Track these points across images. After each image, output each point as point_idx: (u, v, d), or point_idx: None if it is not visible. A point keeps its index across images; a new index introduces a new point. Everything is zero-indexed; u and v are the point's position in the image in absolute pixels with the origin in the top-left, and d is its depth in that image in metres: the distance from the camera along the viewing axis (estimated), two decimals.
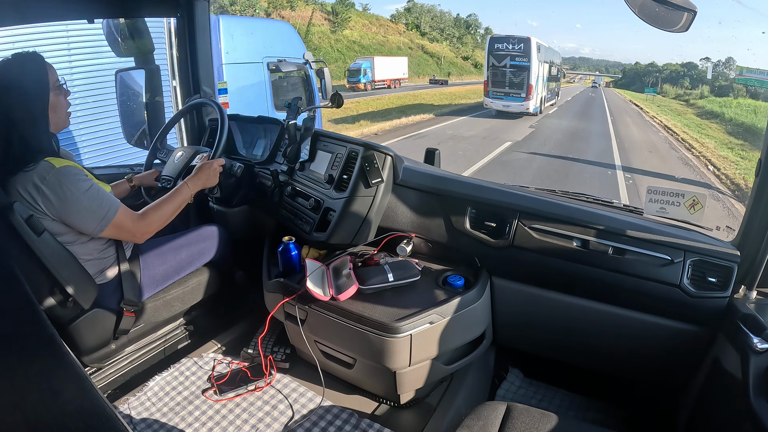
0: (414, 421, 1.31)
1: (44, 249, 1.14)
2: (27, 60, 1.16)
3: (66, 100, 1.24)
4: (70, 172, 1.16)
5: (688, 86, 47.40)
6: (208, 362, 1.52)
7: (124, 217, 1.24)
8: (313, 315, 1.27)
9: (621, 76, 70.55)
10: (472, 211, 1.38)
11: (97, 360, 1.36)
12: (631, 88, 53.45)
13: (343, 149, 1.49)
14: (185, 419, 1.30)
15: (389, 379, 1.26)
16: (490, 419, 0.95)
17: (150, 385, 1.43)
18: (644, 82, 55.52)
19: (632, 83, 59.12)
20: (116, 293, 1.33)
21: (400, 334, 1.14)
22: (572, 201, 1.39)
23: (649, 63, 64.06)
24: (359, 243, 1.42)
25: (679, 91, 45.91)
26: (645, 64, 65.95)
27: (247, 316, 1.72)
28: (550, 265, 1.27)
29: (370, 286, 1.25)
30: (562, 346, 1.39)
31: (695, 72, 49.32)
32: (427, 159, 1.71)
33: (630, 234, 1.19)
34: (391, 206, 1.45)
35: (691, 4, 0.82)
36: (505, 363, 1.59)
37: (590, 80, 64.75)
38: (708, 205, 1.20)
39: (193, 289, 1.53)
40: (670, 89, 47.01)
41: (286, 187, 1.62)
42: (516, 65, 13.62)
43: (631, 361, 1.30)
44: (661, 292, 1.15)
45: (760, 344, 0.94)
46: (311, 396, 1.38)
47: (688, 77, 48.85)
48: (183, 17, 1.86)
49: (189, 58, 1.92)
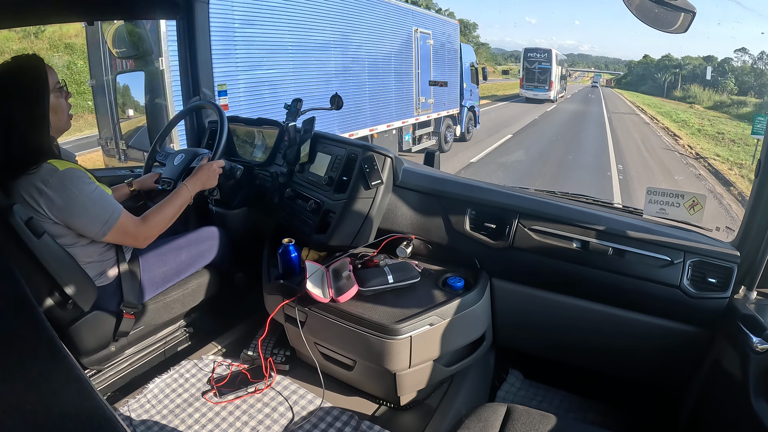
0: (414, 423, 1.31)
1: (44, 251, 1.14)
2: (26, 62, 1.16)
3: (67, 102, 1.23)
4: (74, 174, 1.16)
5: (734, 88, 30.18)
6: (207, 364, 1.52)
7: (126, 222, 1.24)
8: (312, 317, 1.27)
9: (625, 72, 55.59)
10: (472, 212, 1.38)
11: (97, 362, 1.35)
12: (641, 89, 41.35)
13: (343, 151, 1.50)
14: (185, 421, 1.30)
15: (389, 380, 1.25)
16: (490, 421, 0.95)
17: (150, 387, 1.43)
18: (658, 80, 41.25)
19: (641, 82, 45.94)
20: (116, 295, 1.33)
21: (400, 336, 1.14)
22: (572, 202, 1.40)
23: (664, 56, 45.59)
24: (359, 245, 1.42)
25: (720, 98, 28.40)
26: (657, 57, 48.21)
27: (247, 318, 1.72)
28: (549, 267, 1.27)
29: (370, 287, 1.25)
30: (562, 348, 1.39)
31: (728, 67, 33.44)
32: (426, 161, 1.71)
33: (630, 235, 1.19)
34: (391, 208, 1.45)
35: (689, 4, 0.82)
36: (505, 364, 1.59)
37: (589, 78, 57.48)
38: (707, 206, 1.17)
39: (193, 291, 1.53)
40: (700, 92, 30.63)
41: (285, 189, 1.62)
42: (542, 67, 20.23)
43: (631, 362, 1.30)
44: (661, 293, 1.15)
45: (760, 345, 0.94)
46: (311, 398, 1.38)
47: (730, 75, 31.83)
48: (183, 19, 1.86)
49: (189, 60, 1.93)
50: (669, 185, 9.12)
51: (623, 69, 62.06)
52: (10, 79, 1.13)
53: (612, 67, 79.24)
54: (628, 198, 6.52)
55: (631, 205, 1.42)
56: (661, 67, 44.25)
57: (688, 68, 39.42)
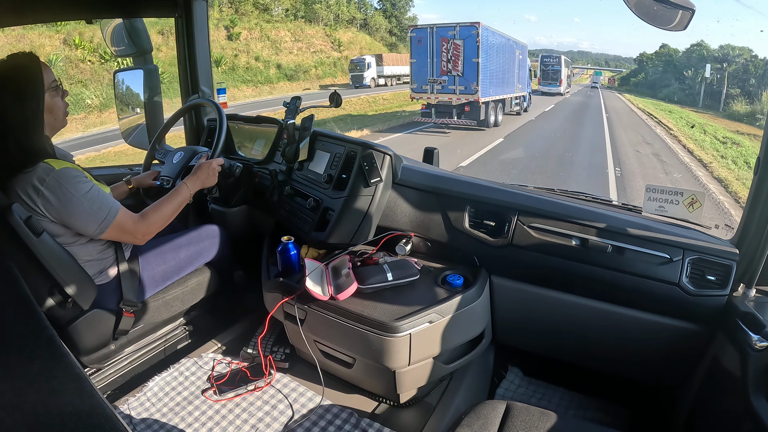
0: (414, 420, 1.31)
1: (43, 250, 1.14)
2: (22, 60, 1.15)
3: (63, 101, 1.22)
4: (69, 173, 1.15)
5: None
6: (207, 362, 1.52)
7: (124, 219, 1.24)
8: (312, 315, 1.27)
9: (635, 68, 41.94)
10: (471, 210, 1.38)
11: (97, 360, 1.36)
12: (660, 94, 29.51)
13: (342, 149, 1.49)
14: (185, 419, 1.30)
15: (389, 378, 1.26)
16: (490, 418, 0.95)
17: (150, 385, 1.43)
18: (687, 81, 28.86)
19: (660, 82, 33.40)
20: (115, 294, 1.33)
21: (399, 334, 1.14)
22: (571, 200, 1.40)
23: (695, 44, 31.31)
24: (358, 242, 1.42)
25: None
26: (682, 49, 33.71)
27: (247, 316, 1.72)
28: (549, 264, 1.27)
29: (370, 285, 1.25)
30: (561, 345, 1.39)
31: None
32: (425, 158, 1.71)
33: (629, 232, 1.19)
34: (390, 205, 1.45)
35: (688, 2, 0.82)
36: (505, 362, 1.60)
37: (588, 76, 48.81)
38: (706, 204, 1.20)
39: (193, 289, 1.53)
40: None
41: (284, 187, 1.62)
42: (554, 69, 26.66)
43: (630, 360, 1.30)
44: (660, 290, 1.15)
45: (759, 342, 0.94)
46: (311, 395, 1.38)
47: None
48: (181, 17, 1.86)
49: (187, 58, 1.92)
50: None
51: (625, 66, 50.86)
52: (5, 78, 1.12)
53: (613, 63, 69.58)
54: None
55: (630, 203, 1.42)
56: (691, 60, 30.91)
57: (739, 62, 25.28)
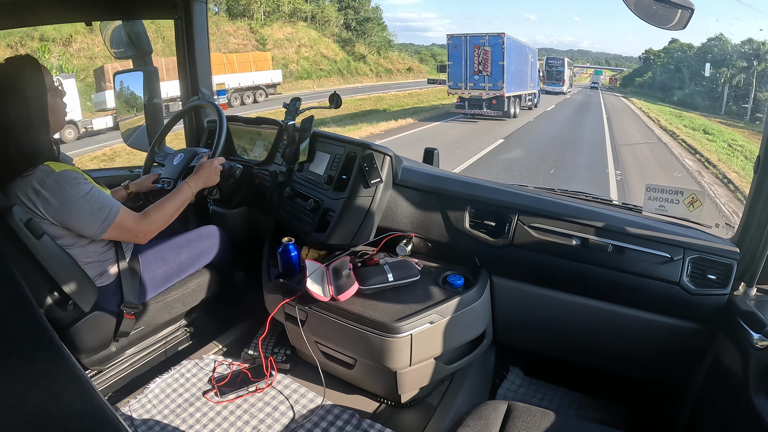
0: (415, 421, 1.31)
1: (44, 252, 1.14)
2: (22, 64, 1.15)
3: (63, 101, 1.23)
4: (69, 176, 1.16)
5: None
6: (208, 364, 1.52)
7: (126, 218, 1.24)
8: (313, 316, 1.27)
9: (640, 67, 38.51)
10: (472, 210, 1.38)
11: (98, 362, 1.36)
12: (674, 98, 26.33)
13: (342, 150, 1.49)
14: (186, 421, 1.30)
15: (390, 379, 1.26)
16: (491, 418, 0.95)
17: (151, 387, 1.43)
18: (700, 81, 25.28)
19: (670, 82, 30.28)
20: (116, 295, 1.33)
21: (400, 334, 1.14)
22: (571, 199, 1.40)
23: (712, 38, 27.31)
24: (359, 243, 1.42)
25: None
26: (697, 44, 30.24)
27: (247, 317, 1.72)
28: (549, 264, 1.27)
29: (370, 286, 1.25)
30: (562, 345, 1.39)
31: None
32: (426, 158, 1.71)
33: (629, 232, 1.19)
34: (391, 206, 1.45)
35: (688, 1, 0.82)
36: (506, 362, 1.60)
37: (588, 75, 46.61)
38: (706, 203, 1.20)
39: (193, 291, 1.53)
40: None
41: (285, 188, 1.62)
42: (557, 70, 28.95)
43: (631, 359, 1.30)
44: (660, 289, 1.15)
45: (761, 341, 0.94)
46: (312, 397, 1.38)
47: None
48: (181, 19, 1.86)
49: (187, 60, 1.92)
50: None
51: (626, 64, 45.61)
52: (8, 81, 1.12)
53: (613, 62, 66.33)
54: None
55: (630, 202, 1.42)
56: (709, 57, 26.02)
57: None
